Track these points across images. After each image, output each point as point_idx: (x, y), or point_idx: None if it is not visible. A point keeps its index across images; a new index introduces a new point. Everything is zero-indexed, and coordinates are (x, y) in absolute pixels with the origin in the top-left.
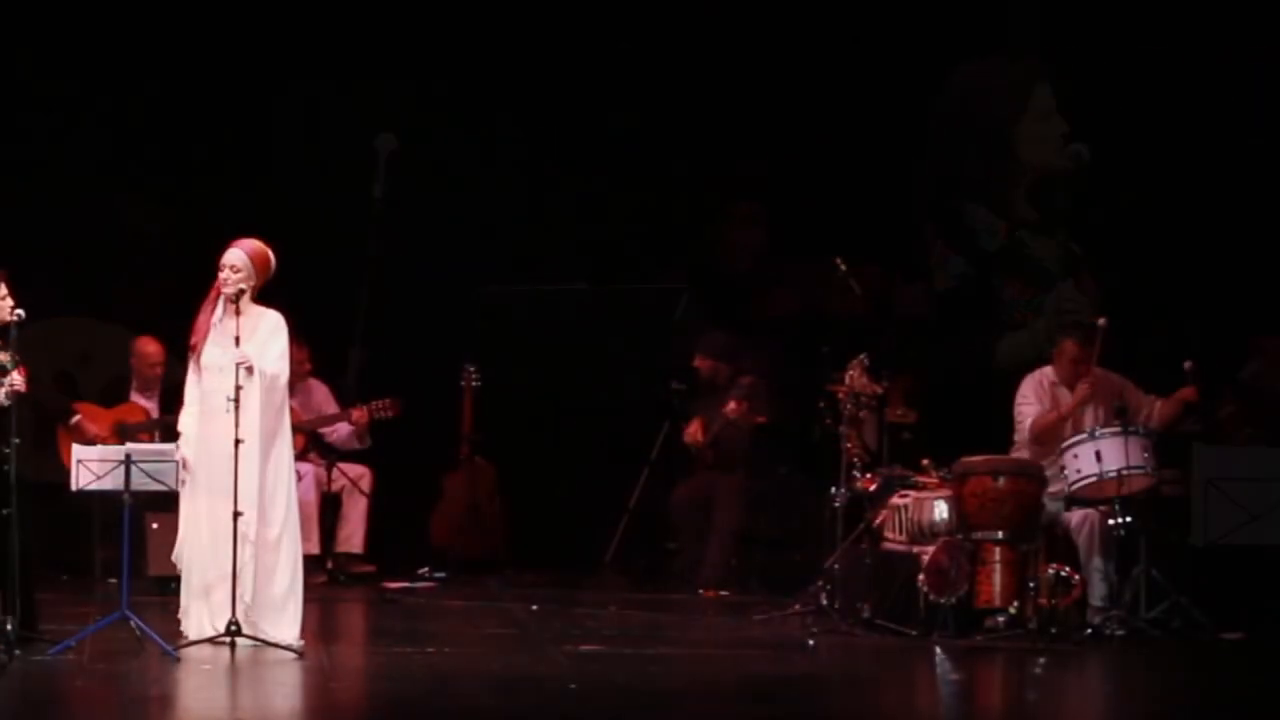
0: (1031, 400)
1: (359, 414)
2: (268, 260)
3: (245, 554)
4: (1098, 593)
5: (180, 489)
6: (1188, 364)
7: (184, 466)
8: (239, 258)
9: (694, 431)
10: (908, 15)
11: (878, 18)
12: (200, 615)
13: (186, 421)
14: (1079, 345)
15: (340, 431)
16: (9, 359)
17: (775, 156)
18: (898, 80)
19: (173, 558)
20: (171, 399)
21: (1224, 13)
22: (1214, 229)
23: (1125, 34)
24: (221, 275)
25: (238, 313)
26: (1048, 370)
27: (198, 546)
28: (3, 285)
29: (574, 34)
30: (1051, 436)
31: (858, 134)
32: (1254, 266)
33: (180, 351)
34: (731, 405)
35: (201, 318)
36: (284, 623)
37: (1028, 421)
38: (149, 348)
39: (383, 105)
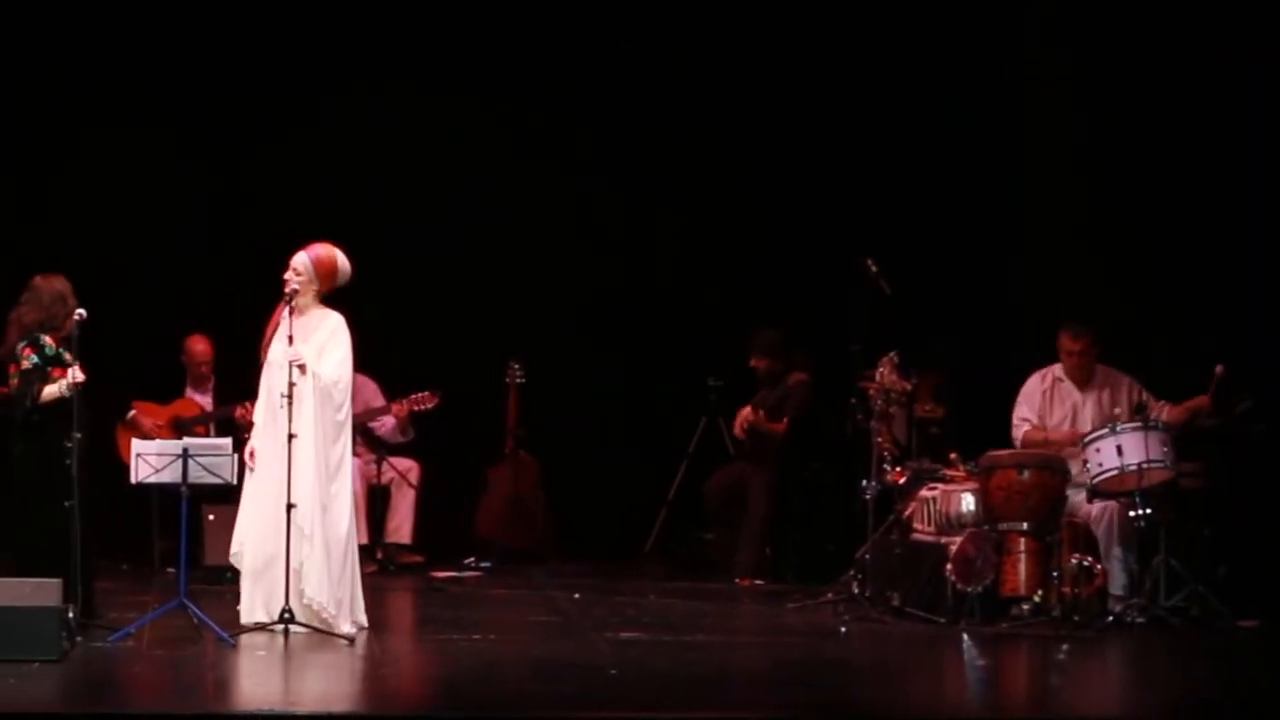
0: (1025, 402)
1: (398, 407)
2: (333, 268)
3: (304, 549)
4: (1118, 582)
5: (249, 476)
6: (1219, 368)
7: (250, 457)
8: (302, 261)
9: (741, 423)
10: None
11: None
12: (256, 603)
13: (260, 411)
14: (1069, 338)
15: (386, 425)
16: (70, 355)
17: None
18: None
19: (230, 556)
20: (224, 394)
21: (1251, 15)
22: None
23: (1145, 31)
24: (285, 275)
25: (292, 312)
26: (1056, 367)
27: (255, 536)
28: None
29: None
30: (1039, 449)
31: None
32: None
33: (230, 348)
34: (746, 411)
35: (274, 315)
36: (350, 613)
37: (1023, 429)
38: (198, 346)
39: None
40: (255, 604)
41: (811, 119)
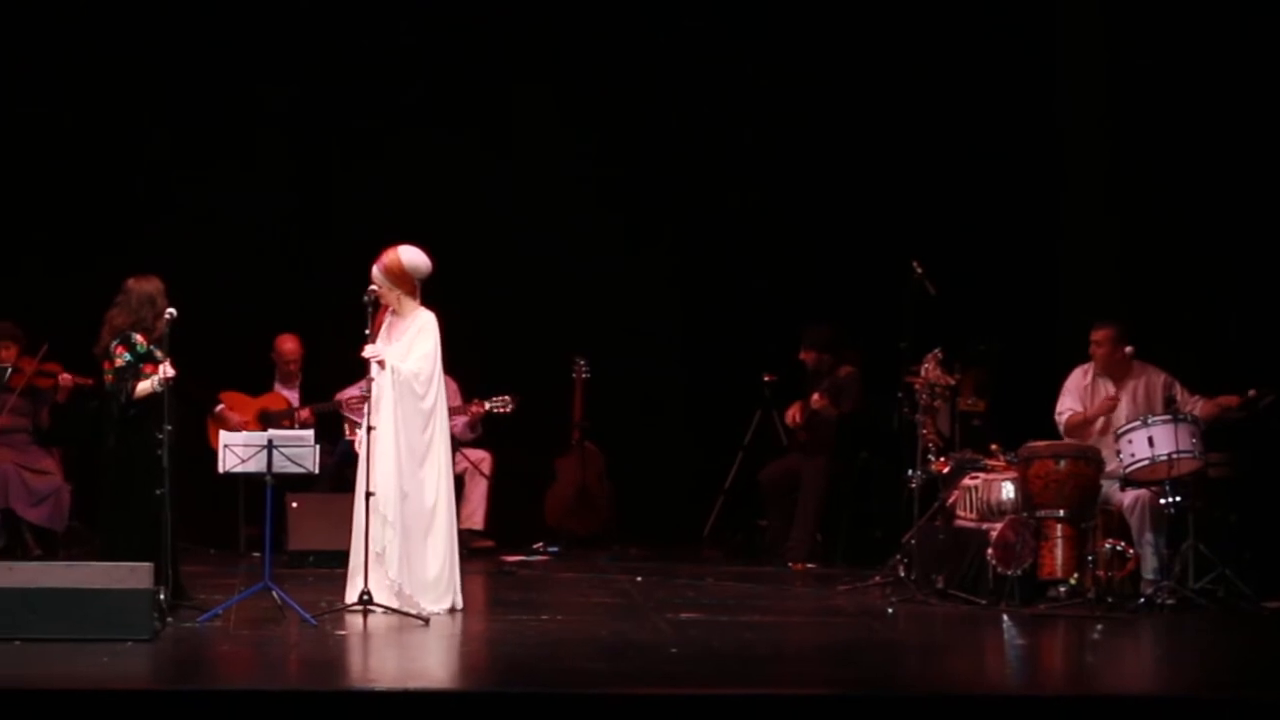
0: (1068, 393)
1: (477, 407)
2: (400, 270)
3: (386, 534)
4: (1149, 566)
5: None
6: (1252, 392)
7: (357, 446)
8: (375, 273)
9: (793, 414)
10: None
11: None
12: (352, 584)
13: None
14: (1094, 330)
15: (457, 424)
16: (161, 352)
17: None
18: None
19: None
20: (311, 390)
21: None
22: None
23: (1180, 29)
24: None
25: (376, 314)
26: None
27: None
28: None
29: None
30: (1080, 433)
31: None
32: None
33: (316, 347)
34: (815, 397)
35: (379, 317)
36: (435, 599)
37: (1064, 416)
38: (287, 344)
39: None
40: (351, 590)
41: (864, 132)
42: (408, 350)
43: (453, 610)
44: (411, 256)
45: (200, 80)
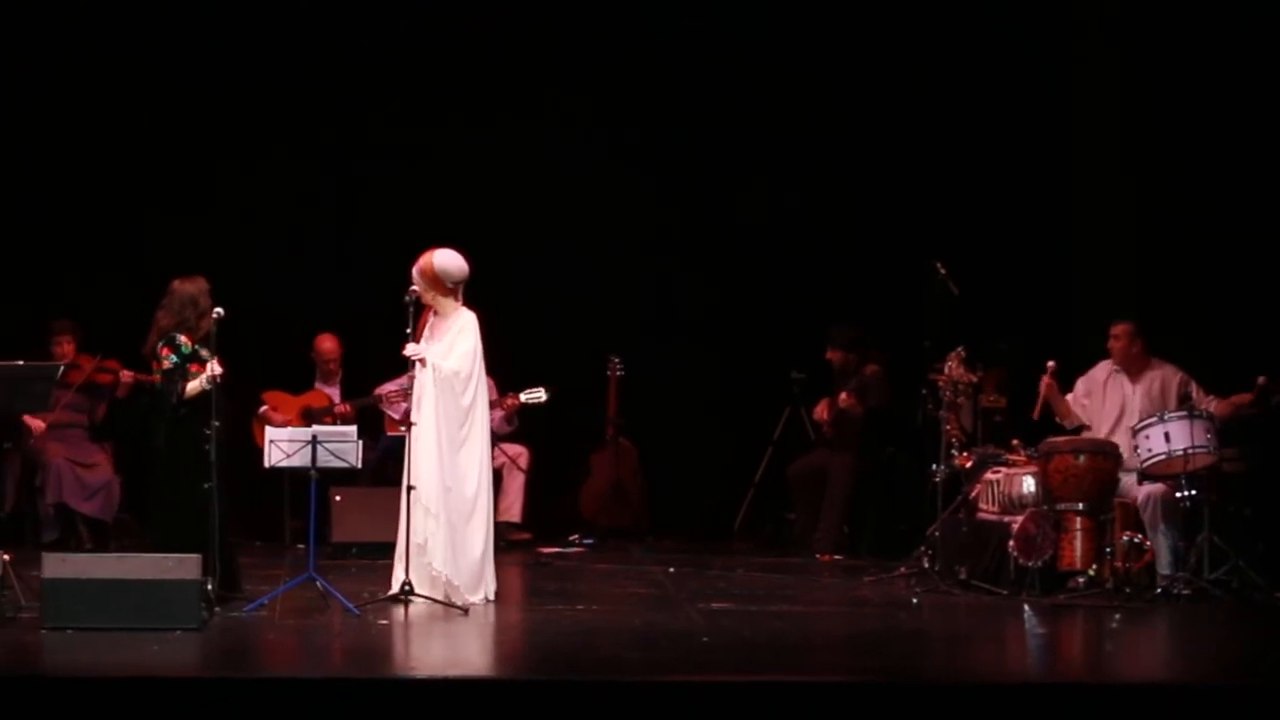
0: (1083, 381)
1: (512, 400)
2: (433, 272)
3: (429, 525)
4: (1163, 559)
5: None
6: (1261, 379)
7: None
8: (413, 274)
9: (820, 411)
10: None
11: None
12: (395, 574)
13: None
14: (1111, 326)
15: (494, 418)
16: (209, 351)
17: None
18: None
19: None
20: (350, 387)
21: None
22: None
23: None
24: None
25: (420, 315)
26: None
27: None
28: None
29: None
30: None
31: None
32: None
33: (354, 346)
34: (843, 396)
35: (423, 318)
36: (471, 586)
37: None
38: (326, 344)
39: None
40: (395, 580)
41: (888, 139)
42: (449, 349)
43: (487, 599)
44: (444, 260)
45: (244, 79)
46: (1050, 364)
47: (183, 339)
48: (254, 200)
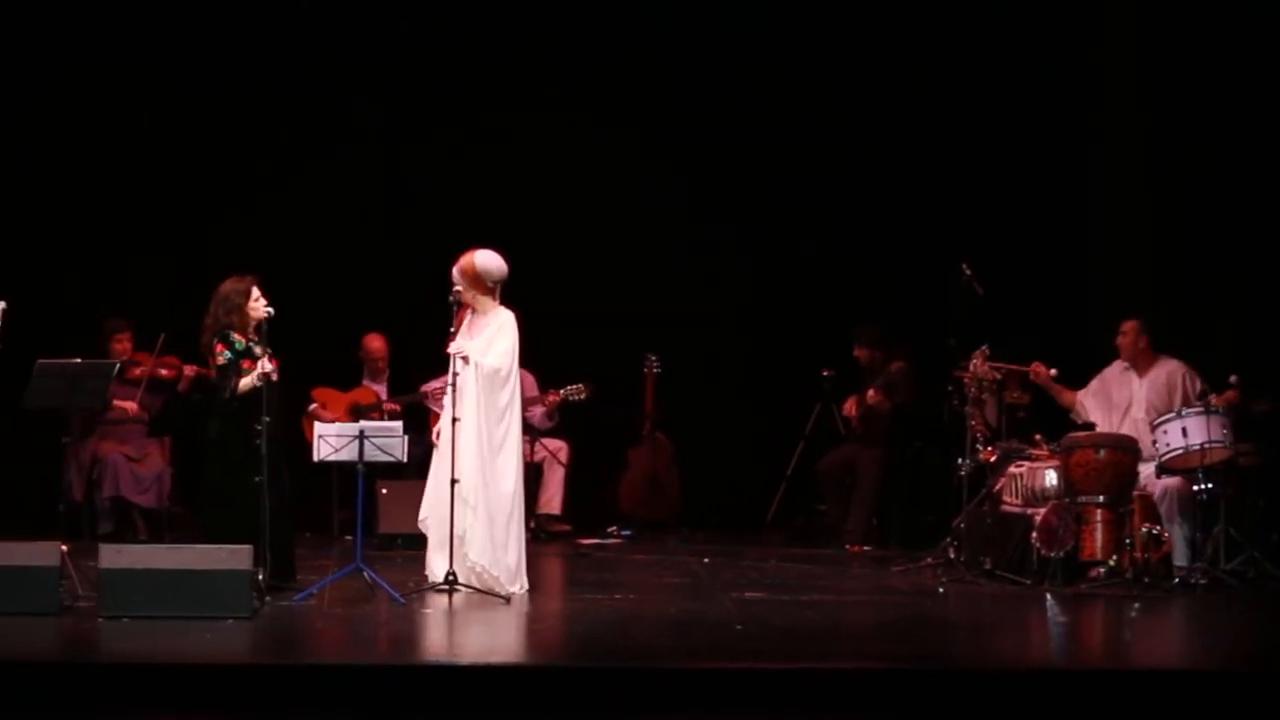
0: (1096, 378)
1: (554, 396)
2: (474, 272)
3: (468, 518)
4: (1179, 551)
5: (435, 454)
6: (1233, 378)
7: (435, 437)
8: (454, 274)
9: (849, 407)
10: None
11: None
12: (437, 566)
13: (446, 399)
14: (1124, 322)
15: (536, 414)
16: (261, 349)
17: None
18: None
19: (418, 523)
20: (397, 384)
21: None
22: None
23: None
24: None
25: (458, 312)
26: None
27: (435, 506)
28: (256, 288)
29: None
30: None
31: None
32: None
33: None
34: (871, 393)
35: (460, 315)
36: (512, 575)
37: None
38: (375, 343)
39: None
40: (436, 568)
41: (916, 148)
42: (488, 346)
43: (521, 589)
44: (485, 260)
45: (298, 81)
46: (1035, 365)
47: (236, 336)
48: (304, 202)
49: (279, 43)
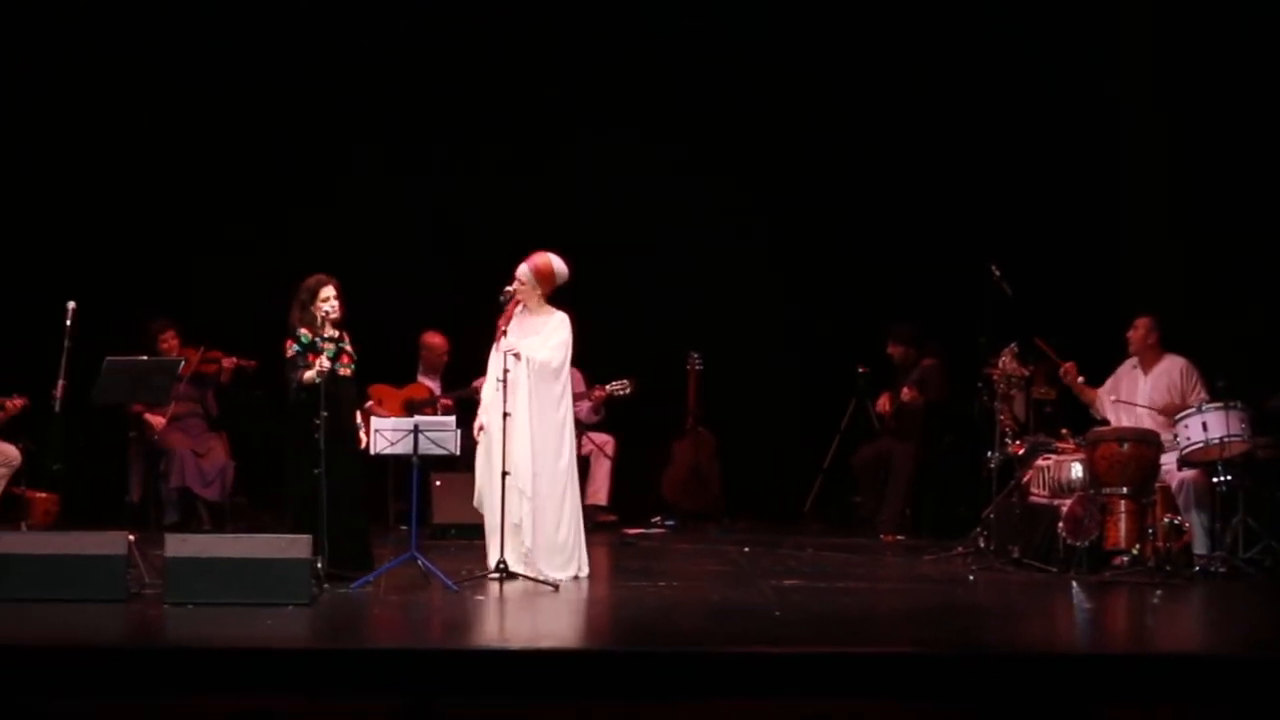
0: (1112, 376)
1: (600, 391)
2: (550, 273)
3: (523, 508)
4: (1199, 540)
5: (480, 445)
6: (1220, 385)
7: (478, 430)
8: (523, 271)
9: (883, 403)
10: None
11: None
12: (490, 553)
13: (486, 391)
14: (1136, 320)
15: (582, 409)
16: (334, 347)
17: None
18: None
19: (474, 503)
20: (452, 379)
21: None
22: None
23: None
24: (510, 286)
25: (511, 309)
26: None
27: (488, 497)
28: (331, 288)
29: None
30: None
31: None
32: None
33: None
34: (905, 390)
35: (506, 313)
36: (563, 563)
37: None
38: (435, 340)
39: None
40: (490, 559)
41: (948, 153)
42: (544, 342)
43: (577, 577)
44: (560, 264)
45: (359, 86)
46: (1068, 365)
47: (304, 331)
48: (361, 206)
49: (340, 34)
